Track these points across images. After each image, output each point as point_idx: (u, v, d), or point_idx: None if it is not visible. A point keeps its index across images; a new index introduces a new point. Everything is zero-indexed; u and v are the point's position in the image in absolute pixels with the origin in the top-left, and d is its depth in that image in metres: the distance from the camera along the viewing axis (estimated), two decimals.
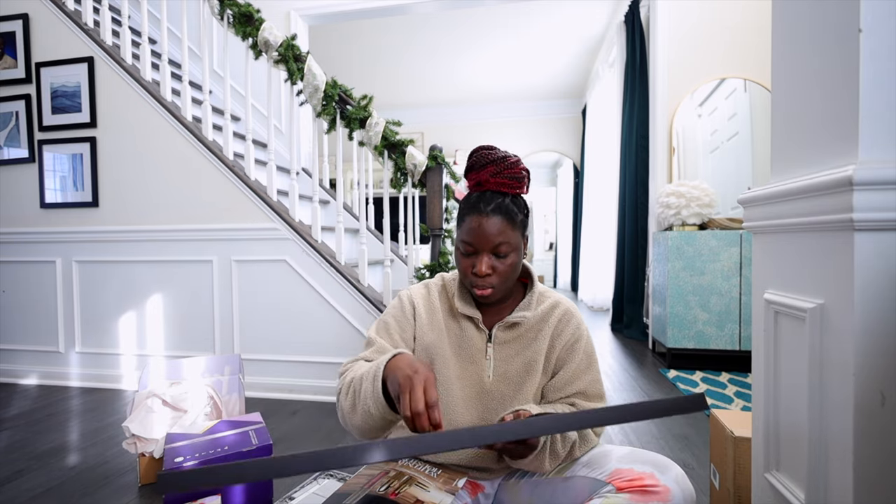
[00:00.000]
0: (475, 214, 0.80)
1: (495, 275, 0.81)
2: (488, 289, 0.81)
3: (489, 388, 0.86)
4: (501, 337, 0.87)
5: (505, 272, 0.81)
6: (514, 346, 0.87)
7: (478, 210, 0.80)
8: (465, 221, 0.82)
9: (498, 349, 0.87)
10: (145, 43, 2.41)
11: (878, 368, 0.68)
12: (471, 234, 0.80)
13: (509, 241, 0.80)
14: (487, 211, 0.80)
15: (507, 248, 0.80)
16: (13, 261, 2.55)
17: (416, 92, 5.98)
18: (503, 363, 0.86)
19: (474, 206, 0.81)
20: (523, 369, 0.86)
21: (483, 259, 0.80)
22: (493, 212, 0.79)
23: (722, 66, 3.04)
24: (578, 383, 0.86)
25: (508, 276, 0.82)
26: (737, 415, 1.19)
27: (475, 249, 0.81)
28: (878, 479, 0.68)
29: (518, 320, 0.86)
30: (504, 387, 0.85)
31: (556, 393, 0.86)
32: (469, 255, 0.82)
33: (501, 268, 0.80)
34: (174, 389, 1.53)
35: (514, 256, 0.81)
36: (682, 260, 2.61)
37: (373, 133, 2.13)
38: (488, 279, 0.81)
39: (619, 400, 2.16)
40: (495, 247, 0.79)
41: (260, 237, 2.26)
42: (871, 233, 0.68)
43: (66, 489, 1.42)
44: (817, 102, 0.79)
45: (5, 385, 2.50)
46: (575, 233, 6.53)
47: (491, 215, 0.79)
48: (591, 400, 0.86)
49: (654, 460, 0.74)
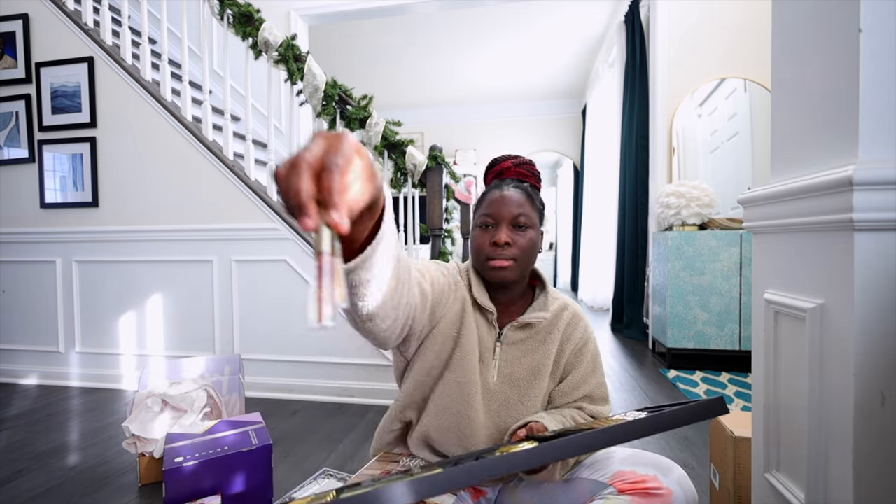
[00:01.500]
0: (497, 189, 0.83)
1: (515, 247, 0.80)
2: (507, 260, 0.79)
3: (493, 389, 0.84)
4: (512, 337, 0.85)
5: (524, 246, 0.80)
6: (522, 347, 0.85)
7: (499, 186, 0.84)
8: (485, 198, 0.84)
9: (506, 349, 0.85)
10: (145, 43, 2.41)
11: (878, 368, 0.68)
12: (492, 205, 0.81)
13: (529, 215, 0.81)
14: (510, 186, 0.83)
15: (527, 220, 0.81)
16: (13, 261, 2.54)
17: (416, 92, 5.98)
18: (509, 365, 0.84)
19: (496, 185, 0.85)
20: (530, 373, 0.84)
21: (503, 229, 0.80)
22: (515, 187, 0.83)
23: (722, 66, 3.04)
24: (585, 387, 0.86)
25: (527, 253, 0.81)
26: (737, 415, 1.19)
27: (495, 220, 0.81)
28: (878, 478, 0.68)
29: (533, 321, 0.84)
30: (508, 389, 0.84)
31: (563, 398, 0.86)
32: (488, 227, 0.82)
33: (521, 241, 0.80)
34: (174, 389, 1.53)
35: (532, 233, 0.82)
36: (682, 260, 2.61)
37: (373, 133, 2.13)
38: (507, 250, 0.79)
39: (620, 400, 2.16)
40: (515, 217, 0.80)
41: (260, 237, 2.26)
42: (872, 233, 0.68)
43: (66, 489, 1.42)
44: (817, 102, 0.79)
45: (5, 385, 2.50)
46: (575, 233, 6.52)
47: (512, 189, 0.83)
48: (596, 403, 0.86)
49: (656, 462, 0.73)
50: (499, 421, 0.83)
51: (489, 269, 0.81)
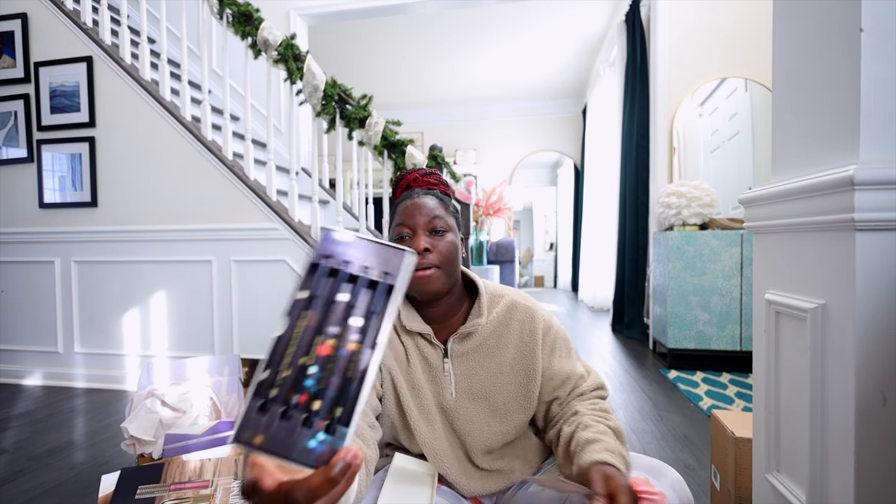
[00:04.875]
0: (407, 199, 0.81)
1: (435, 252, 0.76)
2: (430, 268, 0.75)
3: (453, 406, 0.79)
4: (458, 350, 0.80)
5: (445, 249, 0.77)
6: (474, 357, 0.81)
7: (410, 196, 0.81)
8: (397, 209, 0.81)
9: (457, 363, 0.80)
10: (144, 42, 2.41)
11: (879, 368, 0.68)
12: (404, 213, 0.79)
13: (445, 218, 0.79)
14: (420, 193, 0.81)
15: (444, 225, 0.78)
16: (12, 261, 2.54)
17: (416, 92, 5.98)
18: (466, 378, 0.80)
19: (406, 195, 0.82)
20: (489, 381, 0.80)
21: (420, 236, 0.77)
22: (426, 194, 0.81)
23: (722, 65, 3.04)
24: (573, 375, 0.82)
25: (450, 258, 0.77)
26: (738, 415, 1.19)
27: (411, 229, 0.78)
28: (879, 479, 0.68)
29: (472, 329, 0.80)
30: (469, 402, 0.79)
31: (554, 392, 0.81)
32: (404, 238, 0.78)
33: (441, 244, 0.77)
34: (173, 390, 1.53)
35: (452, 237, 0.79)
36: (683, 260, 2.61)
37: (372, 133, 2.13)
38: (428, 257, 0.76)
39: (620, 400, 2.16)
40: (430, 221, 0.77)
41: (259, 237, 2.26)
42: (873, 233, 0.67)
43: (65, 489, 1.42)
44: (818, 102, 0.79)
45: (4, 385, 2.50)
46: (575, 233, 6.52)
47: (423, 196, 0.80)
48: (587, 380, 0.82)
49: (649, 465, 0.72)
50: (466, 438, 0.79)
51: (414, 282, 0.76)
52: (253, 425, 0.30)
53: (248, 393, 0.31)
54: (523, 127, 6.48)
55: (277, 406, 0.30)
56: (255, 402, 0.30)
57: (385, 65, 5.15)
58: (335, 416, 0.30)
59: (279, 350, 0.32)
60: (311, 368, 0.31)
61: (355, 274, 0.34)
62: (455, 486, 0.80)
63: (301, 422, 0.30)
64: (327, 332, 0.32)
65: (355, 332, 0.32)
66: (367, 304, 0.33)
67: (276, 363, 0.31)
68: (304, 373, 0.31)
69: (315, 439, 0.30)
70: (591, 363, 2.47)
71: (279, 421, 0.30)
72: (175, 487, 1.00)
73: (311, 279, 0.34)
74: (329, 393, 0.31)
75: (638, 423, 1.89)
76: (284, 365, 0.31)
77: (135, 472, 1.01)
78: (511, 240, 5.61)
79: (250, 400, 0.30)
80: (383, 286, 0.33)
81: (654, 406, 2.07)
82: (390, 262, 0.34)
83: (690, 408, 2.04)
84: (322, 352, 0.32)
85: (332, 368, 0.31)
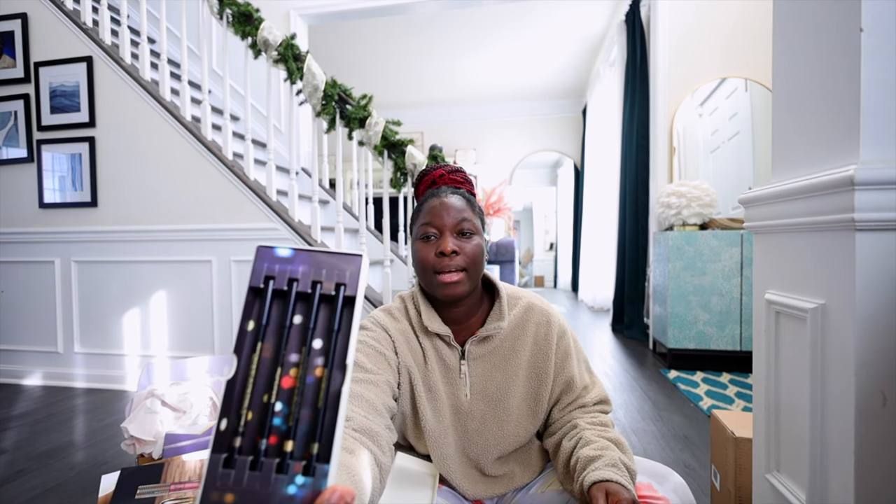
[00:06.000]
0: (434, 197, 0.78)
1: (462, 255, 0.74)
2: (457, 272, 0.74)
3: (467, 407, 0.79)
4: (475, 352, 0.80)
5: (472, 253, 0.75)
6: (490, 360, 0.80)
7: (436, 194, 0.78)
8: (423, 208, 0.78)
9: (473, 365, 0.80)
10: (144, 42, 2.41)
11: (879, 368, 0.68)
12: (431, 213, 0.76)
13: (472, 220, 0.77)
14: (447, 192, 0.78)
15: (472, 227, 0.76)
16: (12, 261, 2.54)
17: (416, 92, 5.98)
18: (481, 380, 0.80)
19: (433, 193, 0.79)
20: (504, 384, 0.79)
21: (447, 238, 0.74)
22: (453, 193, 0.79)
23: (722, 65, 3.04)
24: (580, 381, 0.82)
25: (476, 261, 0.76)
26: (738, 415, 1.19)
27: (438, 229, 0.75)
28: (879, 479, 0.68)
29: (491, 332, 0.79)
30: (484, 405, 0.79)
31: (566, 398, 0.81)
32: (430, 239, 0.76)
33: (468, 247, 0.75)
34: (173, 390, 1.53)
35: (478, 239, 0.77)
36: (683, 260, 2.61)
37: (372, 133, 2.13)
38: (455, 260, 0.73)
39: (620, 400, 2.16)
40: (458, 223, 0.75)
41: (259, 237, 2.26)
42: (873, 233, 0.67)
43: (65, 489, 1.42)
44: (819, 102, 0.79)
45: (4, 385, 2.50)
46: (575, 233, 6.52)
47: (451, 195, 0.78)
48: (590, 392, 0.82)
49: (652, 470, 0.72)
50: (477, 438, 0.79)
51: (439, 285, 0.74)
52: (220, 484, 0.26)
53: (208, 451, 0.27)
54: (523, 127, 6.48)
55: (245, 456, 0.27)
56: (217, 457, 0.27)
57: (385, 65, 5.15)
58: (312, 453, 0.27)
59: (235, 393, 0.28)
60: (276, 406, 0.28)
61: (306, 291, 0.30)
62: (458, 489, 0.80)
63: (275, 468, 0.27)
64: (287, 362, 0.29)
65: (318, 355, 0.29)
66: (325, 323, 0.30)
67: (234, 409, 0.28)
68: (268, 412, 0.28)
69: (294, 485, 0.26)
70: (592, 363, 2.47)
71: (249, 472, 0.26)
72: (175, 487, 1.00)
73: (256, 306, 0.30)
74: (301, 428, 0.27)
75: (638, 423, 1.89)
76: (245, 408, 0.28)
77: (135, 472, 1.01)
78: (511, 240, 5.61)
79: (210, 456, 0.27)
80: (340, 299, 0.30)
81: (654, 406, 2.07)
82: (343, 271, 0.31)
83: (690, 408, 2.04)
84: (285, 384, 0.28)
85: (300, 401, 0.28)
